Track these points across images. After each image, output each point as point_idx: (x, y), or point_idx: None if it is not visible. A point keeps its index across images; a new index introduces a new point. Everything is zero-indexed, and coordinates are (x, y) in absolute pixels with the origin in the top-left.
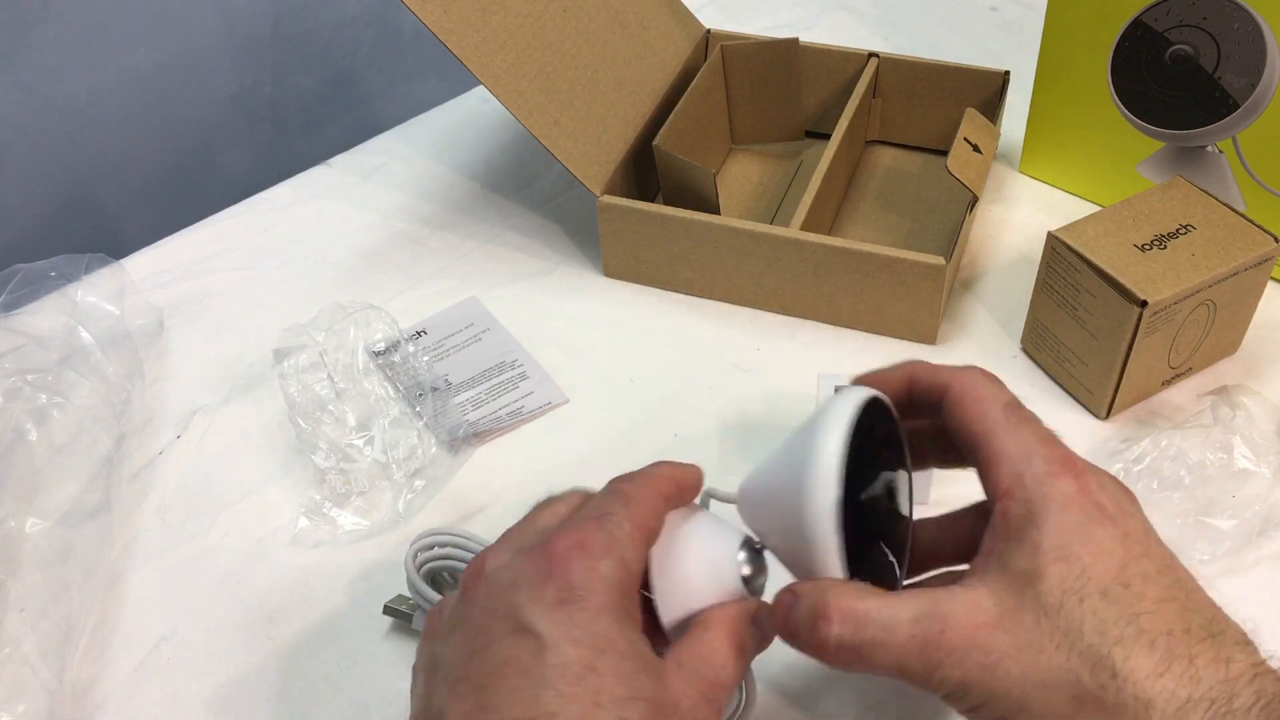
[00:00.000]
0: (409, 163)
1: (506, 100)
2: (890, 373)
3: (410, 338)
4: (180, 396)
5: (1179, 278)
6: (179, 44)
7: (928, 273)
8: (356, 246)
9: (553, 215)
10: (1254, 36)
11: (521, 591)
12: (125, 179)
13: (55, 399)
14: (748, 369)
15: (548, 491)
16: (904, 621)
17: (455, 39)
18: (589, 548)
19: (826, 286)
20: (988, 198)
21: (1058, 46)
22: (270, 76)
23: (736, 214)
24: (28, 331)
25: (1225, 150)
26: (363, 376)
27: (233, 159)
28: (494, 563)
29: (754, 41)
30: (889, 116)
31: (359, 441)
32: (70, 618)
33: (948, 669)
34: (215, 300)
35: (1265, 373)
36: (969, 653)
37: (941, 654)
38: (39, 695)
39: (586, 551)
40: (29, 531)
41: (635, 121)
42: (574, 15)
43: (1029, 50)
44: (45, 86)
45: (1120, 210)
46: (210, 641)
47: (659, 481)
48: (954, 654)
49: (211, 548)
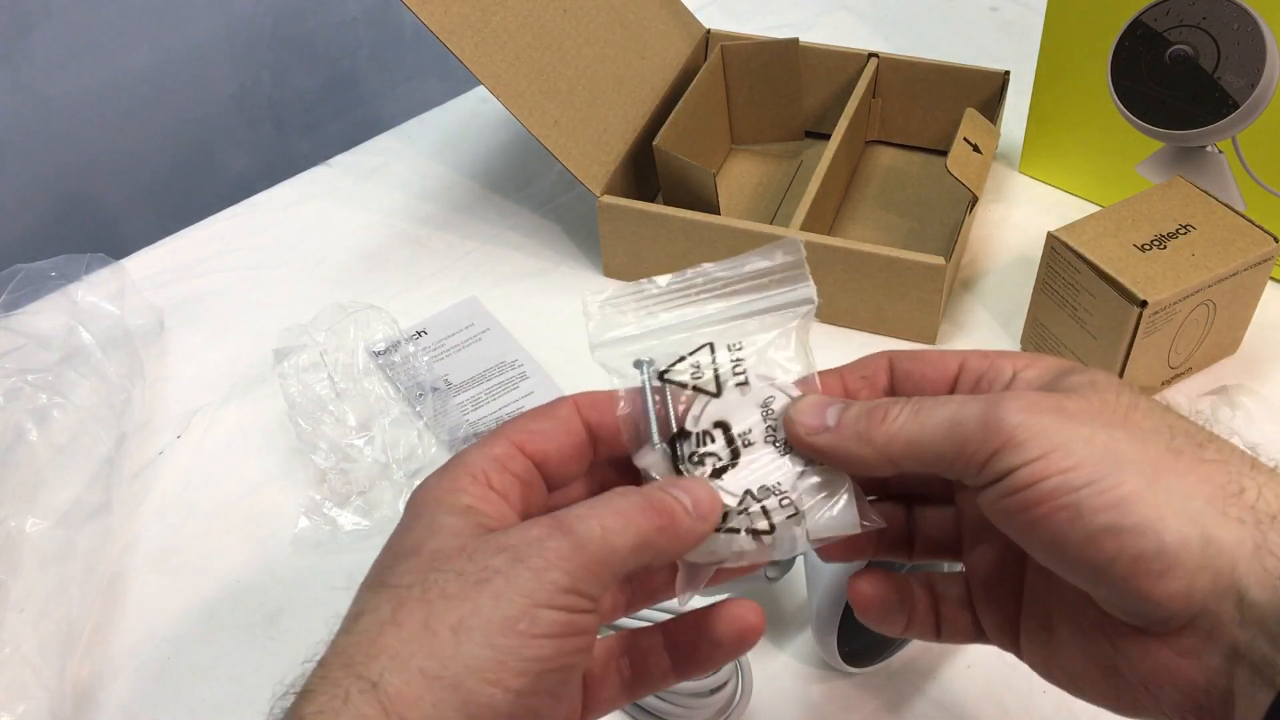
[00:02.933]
0: (409, 163)
1: (506, 100)
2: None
3: (410, 338)
4: (180, 396)
5: (1179, 278)
6: (179, 44)
7: (928, 273)
8: (356, 246)
9: (553, 215)
10: (1254, 36)
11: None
12: (125, 179)
13: (55, 399)
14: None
15: None
16: (966, 402)
17: (455, 39)
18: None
19: (826, 286)
20: (988, 198)
21: (1058, 46)
22: (270, 76)
23: (736, 214)
24: (28, 331)
25: (1225, 150)
26: (363, 376)
27: (233, 159)
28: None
29: (754, 41)
30: (889, 116)
31: (359, 441)
32: (70, 618)
33: (1011, 426)
34: (215, 300)
35: (1265, 373)
36: (1037, 406)
37: (986, 442)
38: (39, 695)
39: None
40: (29, 531)
41: (635, 121)
42: (574, 15)
43: (1029, 50)
44: (45, 86)
45: (1120, 210)
46: (210, 641)
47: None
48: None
49: (211, 548)
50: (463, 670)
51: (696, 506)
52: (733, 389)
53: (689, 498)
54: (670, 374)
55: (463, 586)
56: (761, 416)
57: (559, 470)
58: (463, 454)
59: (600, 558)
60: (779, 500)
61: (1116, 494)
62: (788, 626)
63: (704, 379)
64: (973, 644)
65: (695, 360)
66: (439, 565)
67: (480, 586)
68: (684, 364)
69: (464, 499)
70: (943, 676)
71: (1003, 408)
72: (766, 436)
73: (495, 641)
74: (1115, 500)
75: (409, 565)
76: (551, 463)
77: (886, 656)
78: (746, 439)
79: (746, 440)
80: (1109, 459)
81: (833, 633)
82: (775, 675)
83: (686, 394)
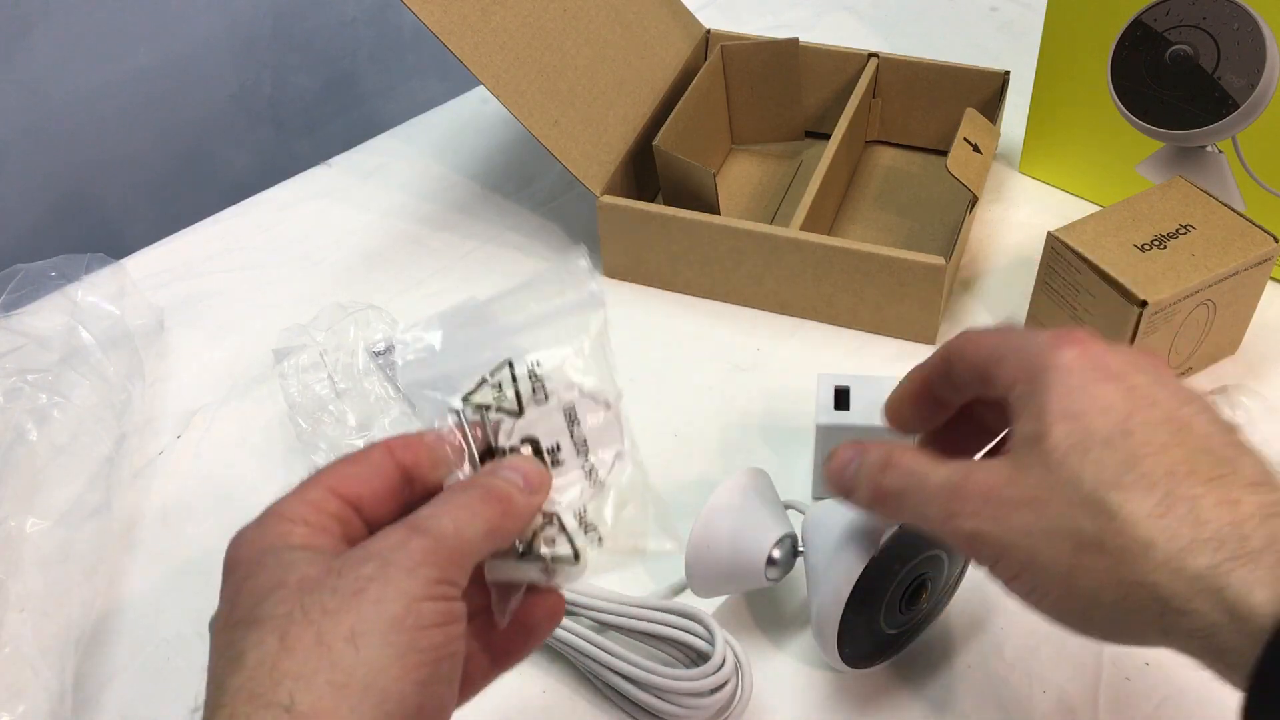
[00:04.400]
0: (409, 163)
1: (506, 100)
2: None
3: None
4: (180, 396)
5: (1179, 278)
6: (179, 44)
7: (928, 273)
8: (356, 246)
9: (553, 215)
10: (1254, 36)
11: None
12: (125, 179)
13: (55, 399)
14: (748, 369)
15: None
16: (937, 476)
17: (455, 39)
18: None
19: (826, 286)
20: (988, 198)
21: (1058, 46)
22: (270, 76)
23: (736, 214)
24: (28, 331)
25: (1225, 150)
26: (363, 376)
27: (233, 159)
28: None
29: (754, 41)
30: (889, 116)
31: (359, 441)
32: (70, 618)
33: (963, 519)
34: (215, 300)
35: (1265, 373)
36: (982, 505)
37: (958, 504)
38: (39, 695)
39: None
40: (29, 531)
41: (635, 121)
42: (574, 15)
43: (1029, 50)
44: (45, 86)
45: (1120, 210)
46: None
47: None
48: (969, 504)
49: (212, 548)
50: (368, 673)
51: (527, 481)
52: (533, 404)
53: (518, 474)
54: (473, 398)
55: (342, 600)
56: (567, 429)
57: (374, 511)
58: (277, 503)
59: (458, 548)
60: (582, 525)
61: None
62: (788, 627)
63: (506, 399)
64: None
65: (497, 380)
66: (309, 589)
67: (359, 596)
68: (486, 386)
69: (295, 540)
70: (943, 676)
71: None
72: (576, 450)
73: (390, 640)
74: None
75: (279, 597)
76: (366, 504)
77: (887, 658)
78: (556, 457)
79: (556, 459)
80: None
81: (833, 634)
82: (775, 675)
83: (493, 416)
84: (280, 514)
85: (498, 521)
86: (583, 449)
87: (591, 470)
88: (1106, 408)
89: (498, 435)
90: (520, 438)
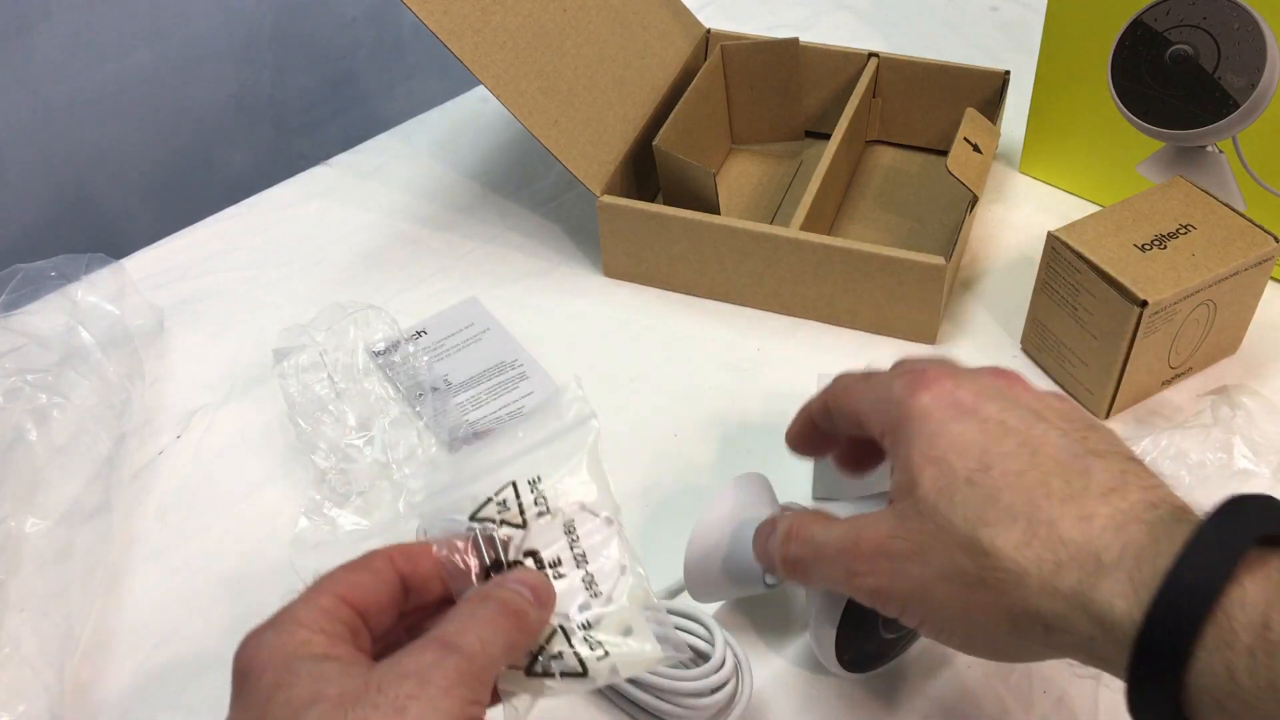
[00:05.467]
0: (409, 163)
1: (506, 100)
2: (798, 423)
3: (410, 338)
4: (180, 396)
5: (1179, 278)
6: (179, 44)
7: (928, 273)
8: (356, 246)
9: (553, 215)
10: (1254, 36)
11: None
12: (125, 179)
13: (55, 399)
14: (748, 369)
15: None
16: (833, 540)
17: (455, 39)
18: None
19: (826, 286)
20: (988, 198)
21: (1058, 46)
22: (270, 76)
23: (736, 214)
24: (28, 331)
25: (1225, 150)
26: (363, 376)
27: (233, 159)
28: None
29: (754, 41)
30: (889, 116)
31: (359, 441)
32: (70, 618)
33: (863, 577)
34: (215, 300)
35: (1265, 373)
36: (877, 561)
37: (855, 564)
38: (39, 695)
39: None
40: (29, 531)
41: (635, 121)
42: (574, 15)
43: (1029, 50)
44: (45, 86)
45: (1120, 210)
46: (210, 641)
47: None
48: (864, 563)
49: (211, 548)
50: None
51: (535, 595)
52: (535, 519)
53: (525, 588)
54: (479, 515)
55: (384, 716)
56: (568, 543)
57: (378, 619)
58: (292, 609)
59: (485, 665)
60: (587, 640)
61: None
62: (788, 628)
63: (510, 514)
64: None
65: (502, 498)
66: (351, 704)
67: (401, 713)
68: (491, 505)
69: (317, 650)
70: (943, 676)
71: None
72: (577, 563)
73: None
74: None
75: (320, 711)
76: (371, 613)
77: (886, 663)
78: (558, 571)
79: (558, 573)
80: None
81: (831, 640)
82: (775, 675)
83: (498, 531)
84: (297, 619)
85: (515, 637)
86: (582, 561)
87: (592, 582)
88: (964, 447)
89: (507, 550)
90: (523, 551)
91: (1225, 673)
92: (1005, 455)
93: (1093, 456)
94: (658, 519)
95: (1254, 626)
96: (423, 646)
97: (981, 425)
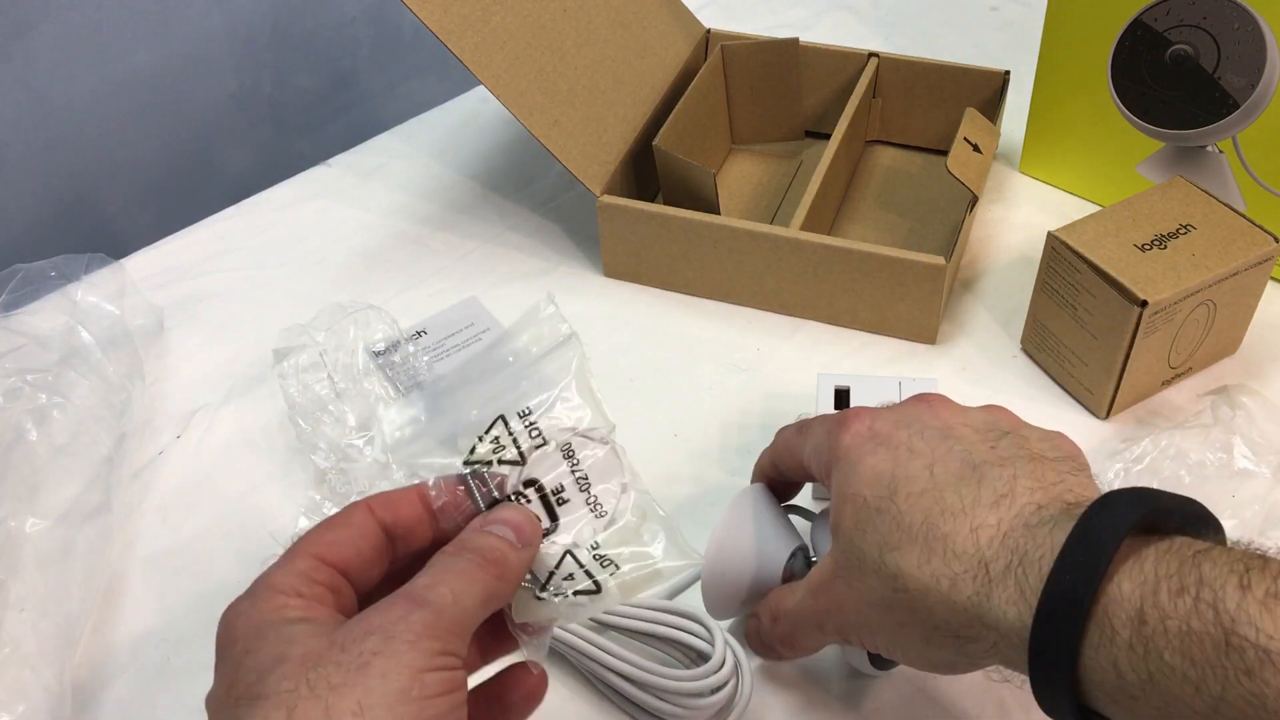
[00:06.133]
0: (409, 163)
1: (506, 100)
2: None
3: (410, 338)
4: (180, 396)
5: (1179, 278)
6: (179, 44)
7: (928, 273)
8: (356, 246)
9: (553, 215)
10: (1254, 36)
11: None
12: (125, 179)
13: (55, 399)
14: (748, 369)
15: None
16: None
17: (455, 39)
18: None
19: (826, 286)
20: (988, 198)
21: (1058, 46)
22: (270, 76)
23: (736, 214)
24: (28, 331)
25: (1225, 150)
26: (363, 376)
27: (233, 159)
28: None
29: (754, 41)
30: (889, 116)
31: (359, 441)
32: (70, 618)
33: (830, 625)
34: (215, 300)
35: (1265, 373)
36: (831, 606)
37: (821, 615)
38: (39, 695)
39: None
40: (29, 531)
41: (635, 121)
42: (574, 15)
43: (1029, 50)
44: (45, 86)
45: (1120, 210)
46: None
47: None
48: (826, 611)
49: (211, 548)
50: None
51: (518, 535)
52: (532, 451)
53: (508, 529)
54: (474, 456)
55: (346, 674)
56: (569, 468)
57: (362, 575)
58: (268, 575)
59: (457, 618)
60: (597, 558)
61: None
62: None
63: (505, 452)
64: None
65: (494, 435)
66: (314, 664)
67: (364, 670)
68: (483, 444)
69: (292, 613)
70: (942, 676)
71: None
72: (580, 487)
73: (397, 712)
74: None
75: (282, 672)
76: (354, 569)
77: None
78: (561, 497)
79: (561, 499)
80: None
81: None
82: (775, 675)
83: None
84: (272, 586)
85: (494, 586)
86: (585, 485)
87: (596, 503)
88: (876, 478)
89: (504, 487)
90: (523, 481)
91: (1111, 668)
92: (910, 478)
93: (990, 465)
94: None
95: (1131, 621)
96: (390, 602)
97: (893, 453)
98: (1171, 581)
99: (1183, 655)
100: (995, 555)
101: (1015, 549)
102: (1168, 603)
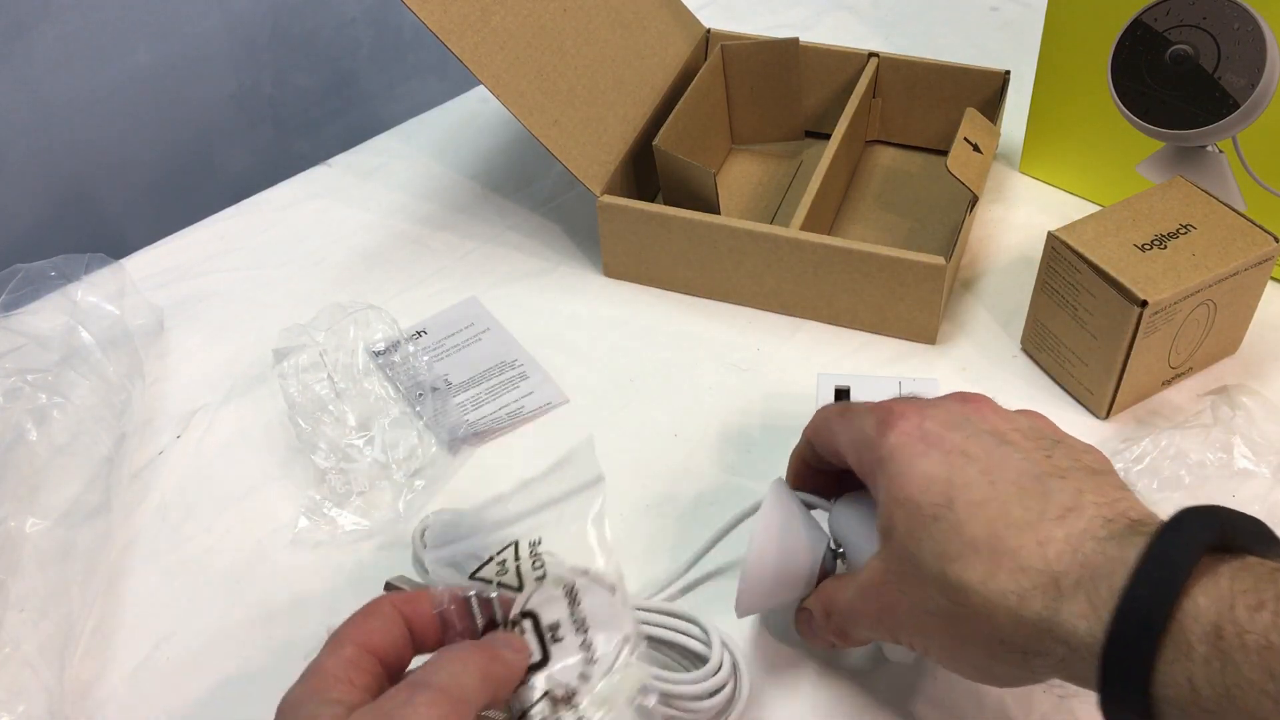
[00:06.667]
0: (409, 163)
1: (506, 100)
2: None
3: (410, 338)
4: (180, 396)
5: (1179, 278)
6: (179, 44)
7: (928, 273)
8: (356, 246)
9: (553, 215)
10: (1254, 36)
11: None
12: (125, 179)
13: (55, 399)
14: (748, 369)
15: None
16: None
17: (455, 39)
18: None
19: (826, 286)
20: (988, 198)
21: (1058, 46)
22: (270, 76)
23: (736, 214)
24: (28, 331)
25: (1225, 150)
26: (363, 376)
27: (233, 159)
28: None
29: (754, 41)
30: (889, 116)
31: (359, 441)
32: (70, 618)
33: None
34: (215, 300)
35: (1265, 373)
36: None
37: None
38: (39, 695)
39: None
40: (29, 531)
41: (635, 121)
42: (574, 15)
43: (1029, 50)
44: (45, 86)
45: (1120, 210)
46: (210, 641)
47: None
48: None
49: (211, 548)
50: None
51: (509, 644)
52: (533, 582)
53: (502, 639)
54: (479, 574)
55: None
56: (568, 607)
57: (395, 662)
58: (318, 663)
59: (459, 695)
60: (574, 710)
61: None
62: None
63: (507, 576)
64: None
65: (502, 558)
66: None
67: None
68: (491, 564)
69: (331, 694)
70: (943, 676)
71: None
72: (575, 629)
73: None
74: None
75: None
76: (390, 657)
77: None
78: (556, 634)
79: (556, 635)
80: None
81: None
82: (774, 675)
83: (495, 591)
84: (321, 672)
85: (489, 668)
86: (582, 628)
87: (590, 647)
88: (928, 484)
89: (504, 611)
90: (521, 612)
91: (1186, 683)
92: (967, 486)
93: (1052, 477)
94: (657, 519)
95: (1208, 637)
96: (396, 690)
97: (945, 457)
98: (1248, 597)
99: (1263, 670)
100: (1066, 570)
101: (1085, 564)
102: (1245, 618)
